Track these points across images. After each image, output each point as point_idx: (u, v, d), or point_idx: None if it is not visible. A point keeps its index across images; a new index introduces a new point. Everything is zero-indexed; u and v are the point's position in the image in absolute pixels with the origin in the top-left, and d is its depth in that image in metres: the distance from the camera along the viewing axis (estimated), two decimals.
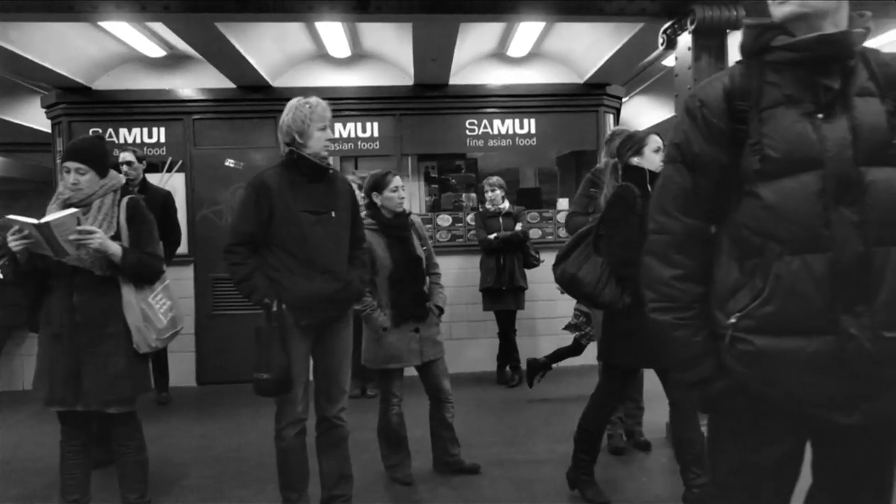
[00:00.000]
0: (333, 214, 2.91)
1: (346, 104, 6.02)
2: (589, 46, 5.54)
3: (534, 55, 6.06)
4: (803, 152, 1.39)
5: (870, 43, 1.51)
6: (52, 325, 2.76)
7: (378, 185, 3.46)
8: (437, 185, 6.96)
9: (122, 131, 5.95)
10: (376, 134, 6.10)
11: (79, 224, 2.63)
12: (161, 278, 2.96)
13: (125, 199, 2.86)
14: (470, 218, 6.05)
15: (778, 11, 1.45)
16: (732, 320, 1.44)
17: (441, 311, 3.58)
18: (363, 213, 3.57)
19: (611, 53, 5.23)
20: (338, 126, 6.07)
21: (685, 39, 3.94)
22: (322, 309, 2.86)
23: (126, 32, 5.13)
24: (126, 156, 4.70)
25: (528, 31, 5.37)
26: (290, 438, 2.91)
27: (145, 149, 5.89)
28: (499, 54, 6.05)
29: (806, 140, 1.39)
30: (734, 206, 1.49)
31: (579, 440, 3.24)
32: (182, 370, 5.86)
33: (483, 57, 6.03)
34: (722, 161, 1.47)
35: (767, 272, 1.40)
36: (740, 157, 1.46)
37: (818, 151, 1.38)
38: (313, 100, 2.92)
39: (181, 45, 5.18)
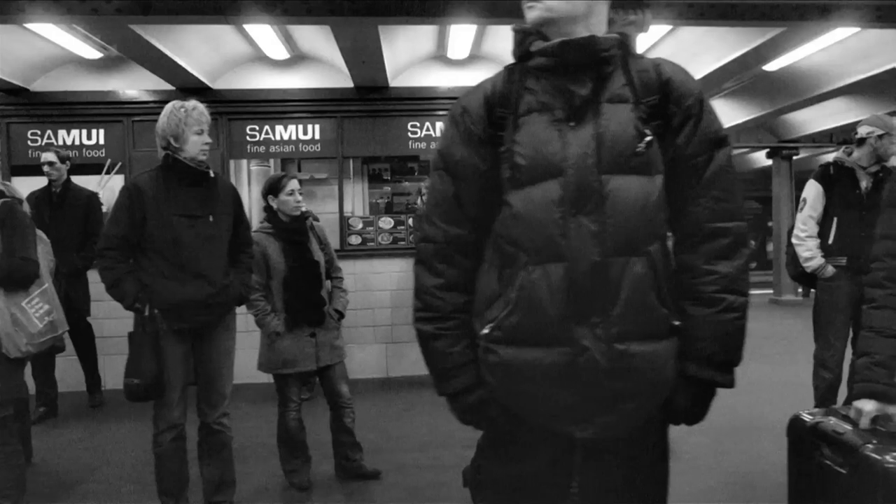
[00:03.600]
0: (211, 219, 2.89)
1: (286, 106, 6.02)
2: None
3: (475, 57, 6.04)
4: (547, 160, 1.36)
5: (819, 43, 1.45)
6: None
7: (274, 188, 3.44)
8: (389, 188, 6.96)
9: (62, 133, 5.93)
10: (317, 136, 6.08)
11: None
12: (38, 282, 2.95)
13: None
14: (411, 221, 6.04)
15: (528, 16, 1.43)
16: (486, 331, 1.42)
17: (341, 315, 3.55)
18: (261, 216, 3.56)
19: None
20: (279, 128, 6.06)
21: None
22: (195, 314, 2.83)
23: (57, 34, 5.10)
24: (48, 156, 4.69)
25: (463, 33, 5.34)
26: (166, 444, 2.90)
27: (84, 150, 5.89)
28: (440, 57, 6.03)
29: (550, 147, 1.36)
30: (497, 214, 1.46)
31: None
32: (121, 372, 5.82)
33: (423, 59, 6.02)
34: (481, 168, 1.44)
35: (516, 282, 1.38)
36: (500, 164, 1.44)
37: (560, 159, 1.35)
38: (190, 103, 2.90)
39: None
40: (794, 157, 11.12)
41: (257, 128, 6.03)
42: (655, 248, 1.36)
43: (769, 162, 11.59)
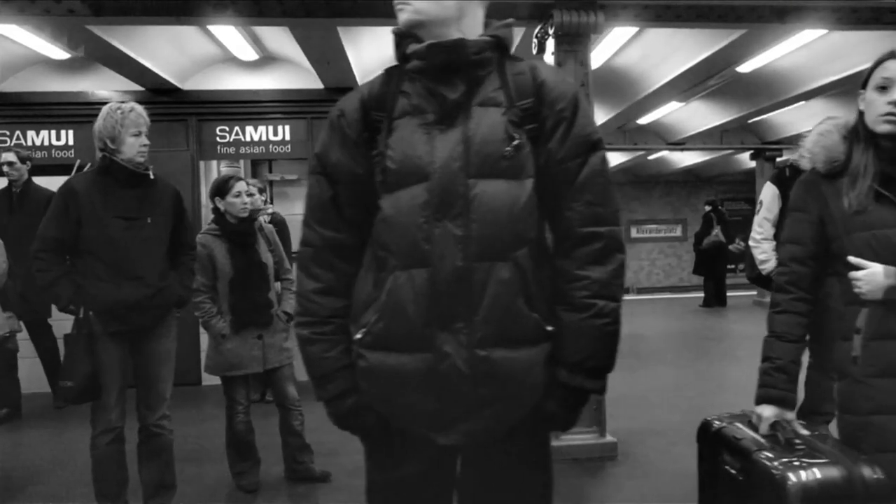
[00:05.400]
0: (149, 220, 2.88)
1: (257, 107, 6.03)
2: None
3: None
4: (414, 164, 1.35)
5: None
6: None
7: (220, 190, 3.43)
8: None
9: (31, 134, 5.93)
10: (288, 137, 6.08)
11: None
12: None
13: None
14: None
15: (399, 18, 1.42)
16: (359, 336, 1.41)
17: (289, 317, 3.54)
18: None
19: None
20: (249, 129, 6.06)
21: (551, 44, 3.90)
22: (131, 316, 2.81)
23: (25, 35, 5.08)
24: (7, 156, 4.68)
25: None
26: (103, 446, 2.88)
27: (53, 151, 5.88)
28: None
29: (418, 151, 1.36)
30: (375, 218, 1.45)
31: None
32: None
33: (394, 60, 5.99)
34: (357, 172, 1.43)
35: (385, 286, 1.37)
36: None
37: (427, 163, 1.34)
38: (127, 105, 2.90)
39: None
40: (778, 159, 11.11)
41: (227, 129, 6.03)
42: (524, 254, 1.34)
43: (753, 164, 11.59)
